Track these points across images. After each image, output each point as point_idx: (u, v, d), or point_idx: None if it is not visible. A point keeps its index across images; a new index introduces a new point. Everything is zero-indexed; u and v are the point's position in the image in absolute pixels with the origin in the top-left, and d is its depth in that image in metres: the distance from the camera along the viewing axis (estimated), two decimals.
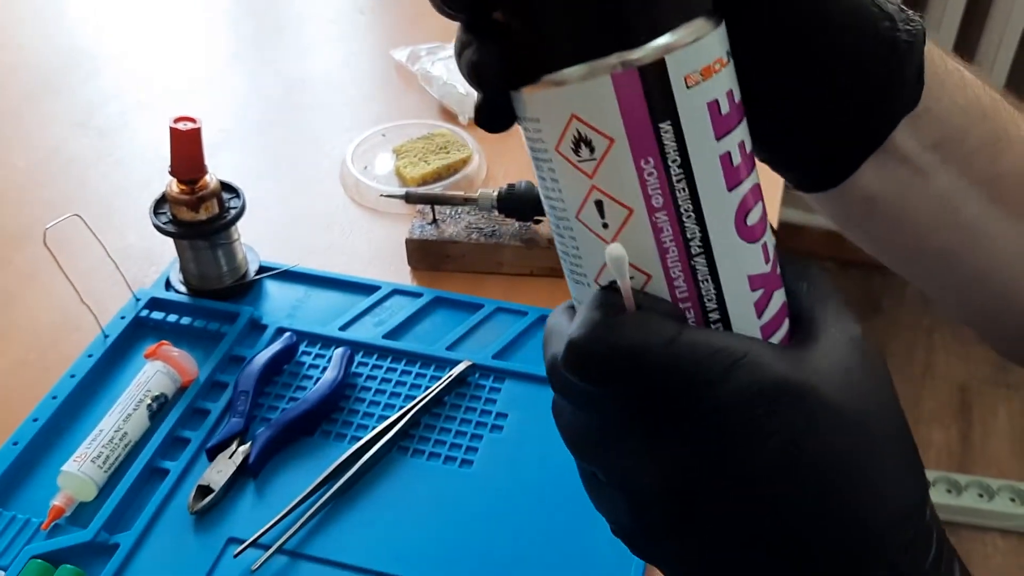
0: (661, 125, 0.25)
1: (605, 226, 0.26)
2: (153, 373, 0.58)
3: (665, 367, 0.25)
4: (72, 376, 0.59)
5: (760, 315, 0.28)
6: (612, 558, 0.50)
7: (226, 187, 0.64)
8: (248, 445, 0.55)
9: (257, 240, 0.71)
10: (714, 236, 0.26)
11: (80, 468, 0.53)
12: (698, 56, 0.24)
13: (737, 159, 0.26)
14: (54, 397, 0.58)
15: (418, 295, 0.65)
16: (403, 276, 0.68)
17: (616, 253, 0.25)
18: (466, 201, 0.66)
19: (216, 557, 0.51)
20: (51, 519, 0.52)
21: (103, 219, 0.74)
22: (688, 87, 0.24)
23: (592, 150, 0.25)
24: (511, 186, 0.66)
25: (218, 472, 0.54)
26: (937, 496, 1.41)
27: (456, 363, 0.60)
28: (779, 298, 0.28)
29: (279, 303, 0.66)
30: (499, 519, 0.53)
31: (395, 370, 0.61)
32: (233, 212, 0.63)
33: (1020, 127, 0.37)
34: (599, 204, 0.26)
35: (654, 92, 0.24)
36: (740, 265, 0.27)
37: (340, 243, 0.72)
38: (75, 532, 0.51)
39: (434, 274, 0.68)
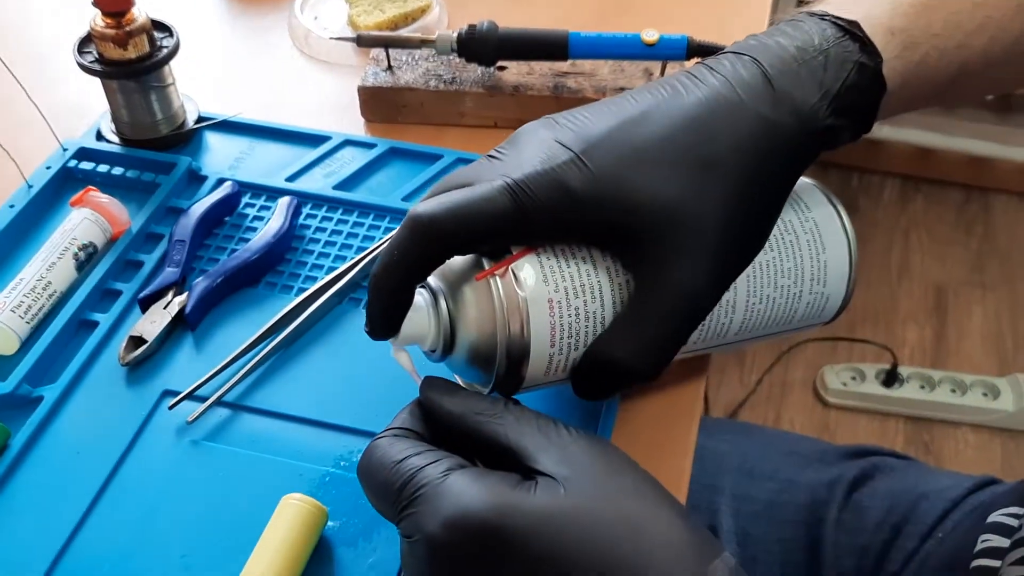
0: None
1: None
2: (80, 220, 0.53)
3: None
4: None
5: None
6: (578, 417, 0.47)
7: (158, 25, 0.58)
8: (185, 296, 0.51)
9: (196, 92, 0.65)
10: None
11: None
12: None
13: None
14: None
15: (371, 145, 0.60)
16: (356, 129, 0.63)
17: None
18: (423, 44, 0.61)
19: (150, 409, 0.47)
20: None
21: (29, 75, 0.68)
22: None
23: None
24: (472, 27, 0.60)
25: (151, 323, 0.50)
26: (911, 392, 1.41)
27: None
28: None
29: (220, 155, 0.61)
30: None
31: (346, 222, 0.56)
32: (166, 51, 0.57)
33: None
34: None
35: None
36: None
37: (287, 96, 0.66)
38: None
39: (389, 126, 0.63)
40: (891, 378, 1.41)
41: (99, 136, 0.61)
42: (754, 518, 0.66)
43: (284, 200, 0.55)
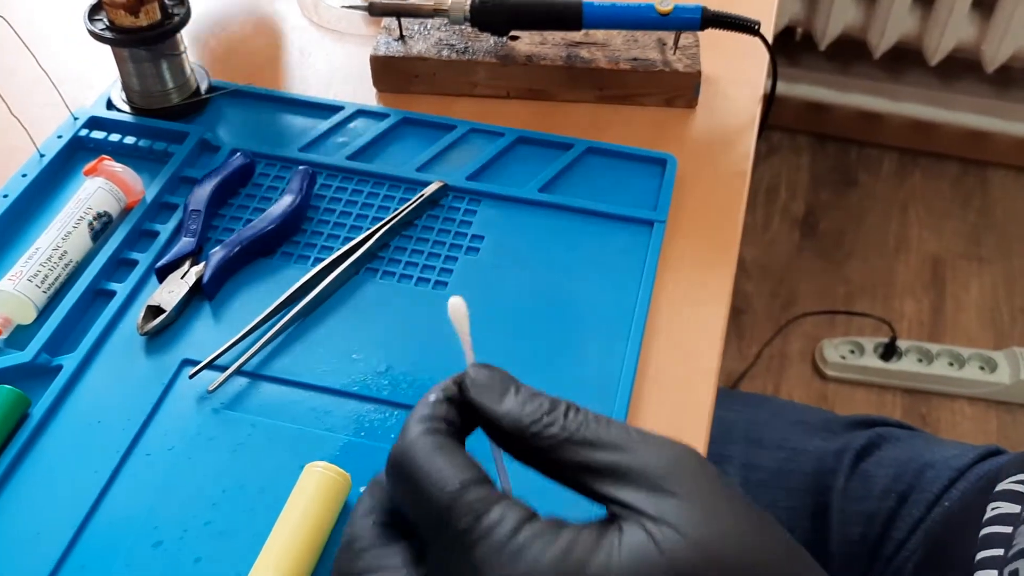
0: None
1: None
2: (94, 190, 0.53)
3: None
4: (4, 196, 0.54)
5: None
6: (593, 384, 0.47)
7: None
8: (202, 265, 0.51)
9: (206, 63, 0.65)
10: None
11: (16, 287, 0.48)
12: None
13: None
14: None
15: (384, 115, 0.60)
16: (367, 100, 0.63)
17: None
18: (436, 13, 0.60)
19: (170, 379, 0.47)
20: None
21: (35, 42, 0.67)
22: None
23: None
24: None
25: (169, 292, 0.50)
26: (909, 365, 1.42)
27: (428, 184, 0.56)
28: None
29: (233, 124, 0.60)
30: (474, 340, 0.49)
31: (361, 192, 0.56)
32: (177, 19, 0.56)
33: None
34: None
35: None
36: None
37: (297, 66, 0.66)
38: (13, 354, 0.47)
39: (401, 96, 0.63)
40: (889, 351, 1.42)
41: (109, 105, 0.60)
42: (762, 486, 0.67)
43: (299, 170, 0.55)
